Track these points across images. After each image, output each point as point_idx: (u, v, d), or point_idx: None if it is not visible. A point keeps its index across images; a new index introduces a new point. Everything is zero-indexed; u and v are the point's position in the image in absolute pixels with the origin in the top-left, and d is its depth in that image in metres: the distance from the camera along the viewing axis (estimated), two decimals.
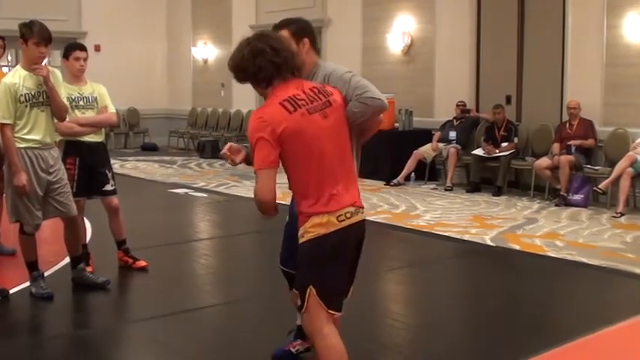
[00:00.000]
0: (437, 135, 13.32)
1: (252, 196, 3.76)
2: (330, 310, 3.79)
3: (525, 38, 12.70)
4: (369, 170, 13.08)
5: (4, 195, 6.46)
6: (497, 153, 12.25)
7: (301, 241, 3.79)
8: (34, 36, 6.06)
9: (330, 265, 3.77)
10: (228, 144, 4.07)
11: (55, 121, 6.33)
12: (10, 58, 17.57)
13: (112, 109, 7.17)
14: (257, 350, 5.23)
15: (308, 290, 3.75)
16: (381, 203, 11.30)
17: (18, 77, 6.10)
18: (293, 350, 4.91)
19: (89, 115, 6.99)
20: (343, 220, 3.76)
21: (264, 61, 3.74)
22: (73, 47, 7.11)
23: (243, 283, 7.27)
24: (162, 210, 11.46)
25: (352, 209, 3.80)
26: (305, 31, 4.45)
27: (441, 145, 13.13)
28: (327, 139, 3.78)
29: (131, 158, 17.61)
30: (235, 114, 18.65)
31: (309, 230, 3.74)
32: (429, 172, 13.33)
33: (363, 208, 3.92)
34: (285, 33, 4.34)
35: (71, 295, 6.60)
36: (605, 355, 5.35)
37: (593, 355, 5.33)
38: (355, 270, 4.02)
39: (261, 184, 3.69)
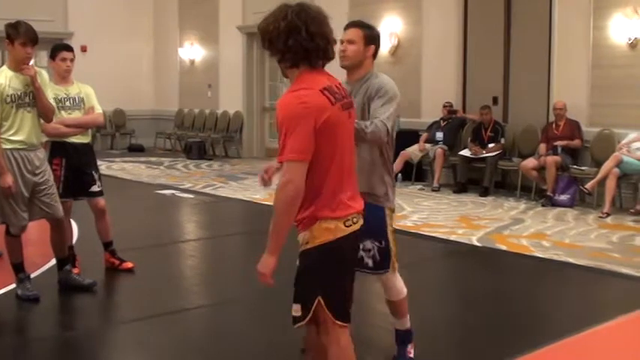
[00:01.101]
0: (424, 136, 13.34)
1: (276, 191, 3.43)
2: (337, 321, 3.57)
3: (512, 39, 12.74)
4: None
5: None
6: (484, 154, 12.28)
7: (307, 247, 3.54)
8: (20, 36, 6.04)
9: (338, 272, 3.59)
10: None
11: (42, 121, 6.31)
12: None
13: (98, 109, 7.15)
14: (244, 351, 5.22)
15: (316, 301, 3.51)
16: None
17: (4, 78, 6.07)
18: (412, 356, 5.00)
19: (76, 115, 6.97)
20: (350, 226, 3.55)
21: (296, 42, 3.47)
22: (59, 48, 7.08)
23: (230, 285, 7.25)
24: (149, 211, 11.44)
25: (357, 215, 3.61)
26: (375, 40, 4.68)
27: (428, 145, 13.15)
28: (348, 138, 3.63)
29: (118, 159, 17.58)
30: (222, 115, 18.62)
31: (317, 236, 3.50)
32: (416, 173, 13.36)
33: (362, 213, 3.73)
34: (358, 32, 4.59)
35: (57, 296, 6.57)
36: (592, 355, 5.37)
37: (580, 355, 5.35)
38: (354, 275, 3.87)
39: (295, 176, 3.38)
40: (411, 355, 4.96)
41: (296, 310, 3.57)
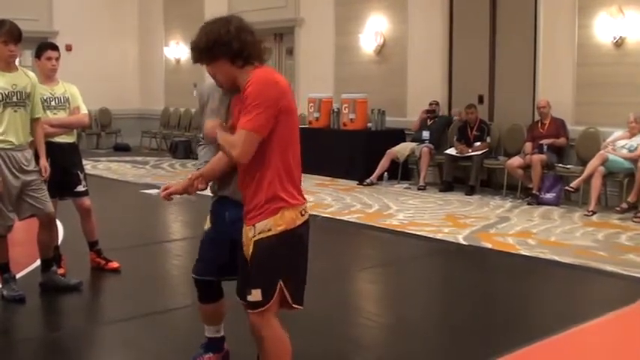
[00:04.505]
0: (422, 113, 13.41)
1: (226, 147, 3.71)
2: (294, 305, 3.79)
3: (497, 38, 12.77)
4: (342, 170, 13.14)
5: None
6: (470, 152, 12.30)
7: (270, 233, 3.70)
8: (2, 35, 6.02)
9: (298, 258, 3.79)
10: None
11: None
12: None
13: (83, 109, 7.13)
14: (231, 351, 5.21)
15: (278, 285, 3.71)
16: (354, 203, 11.31)
17: None
18: None
19: (61, 115, 6.94)
20: (304, 215, 3.78)
21: (249, 36, 3.74)
22: (45, 47, 7.05)
23: None
24: (135, 211, 11.41)
25: (306, 205, 3.84)
26: None
27: (413, 144, 13.17)
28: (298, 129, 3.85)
29: (103, 159, 17.53)
30: None
31: (280, 223, 3.69)
32: (402, 172, 13.38)
33: None
34: None
35: (43, 297, 6.53)
36: (578, 353, 5.38)
37: (567, 353, 5.36)
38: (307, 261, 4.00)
39: (245, 146, 3.59)
40: None
41: (255, 295, 3.76)
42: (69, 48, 18.09)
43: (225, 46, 3.71)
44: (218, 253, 4.38)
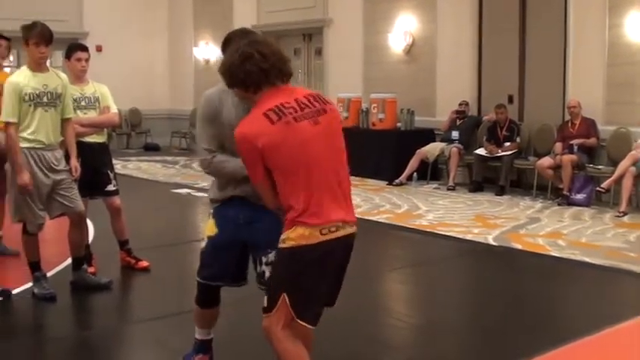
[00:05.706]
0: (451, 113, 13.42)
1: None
2: (300, 321, 3.71)
3: (527, 37, 12.70)
4: (371, 170, 13.11)
5: (7, 196, 6.46)
6: (500, 152, 12.24)
7: (282, 246, 3.72)
8: (33, 37, 6.08)
9: (307, 276, 3.70)
10: None
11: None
12: (11, 58, 17.53)
13: (113, 109, 7.18)
14: (262, 349, 5.21)
15: (281, 297, 3.69)
16: (384, 203, 11.29)
17: (23, 77, 6.13)
18: None
19: (91, 115, 6.99)
20: (326, 234, 3.66)
21: (252, 66, 3.70)
22: (74, 48, 7.11)
23: None
24: (165, 210, 11.45)
25: (339, 224, 3.70)
26: None
27: (443, 144, 13.14)
28: (319, 146, 3.70)
29: (133, 158, 17.62)
30: None
31: (291, 238, 3.67)
32: (431, 172, 13.34)
33: (353, 222, 3.80)
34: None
35: (74, 295, 6.58)
36: (609, 355, 5.34)
37: (598, 354, 5.33)
38: (341, 282, 3.90)
39: (262, 195, 3.86)
40: None
41: (265, 301, 3.80)
42: (99, 49, 18.20)
43: (232, 77, 3.79)
44: (230, 258, 4.38)
